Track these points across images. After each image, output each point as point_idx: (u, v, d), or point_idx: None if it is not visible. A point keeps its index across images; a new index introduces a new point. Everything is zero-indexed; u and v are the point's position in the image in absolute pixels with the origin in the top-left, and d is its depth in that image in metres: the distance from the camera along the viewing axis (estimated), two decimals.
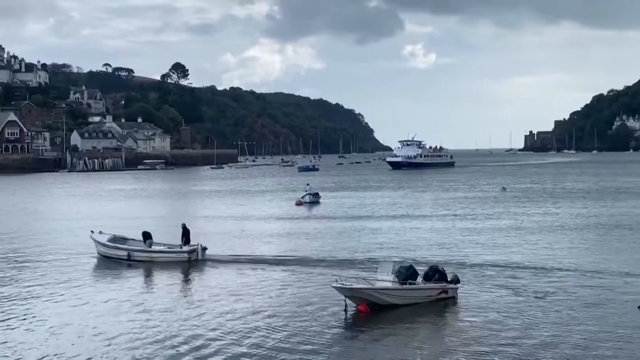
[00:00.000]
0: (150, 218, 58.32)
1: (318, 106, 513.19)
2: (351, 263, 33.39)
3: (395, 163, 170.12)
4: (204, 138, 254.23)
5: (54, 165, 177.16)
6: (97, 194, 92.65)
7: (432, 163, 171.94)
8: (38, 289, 28.98)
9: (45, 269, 33.70)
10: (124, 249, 35.90)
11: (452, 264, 32.10)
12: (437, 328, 22.69)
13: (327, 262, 33.89)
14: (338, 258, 34.93)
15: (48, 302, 26.49)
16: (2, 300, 26.91)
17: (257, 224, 52.53)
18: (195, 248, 34.91)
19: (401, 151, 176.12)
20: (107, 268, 33.93)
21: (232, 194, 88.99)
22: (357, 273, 28.67)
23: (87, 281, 30.86)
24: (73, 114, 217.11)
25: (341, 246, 39.42)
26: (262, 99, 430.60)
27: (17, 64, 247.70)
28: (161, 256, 35.16)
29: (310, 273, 31.03)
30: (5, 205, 73.89)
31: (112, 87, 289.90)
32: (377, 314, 23.73)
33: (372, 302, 24.23)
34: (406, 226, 49.34)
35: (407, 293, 25.03)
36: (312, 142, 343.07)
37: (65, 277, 31.43)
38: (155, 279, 31.47)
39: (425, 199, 73.89)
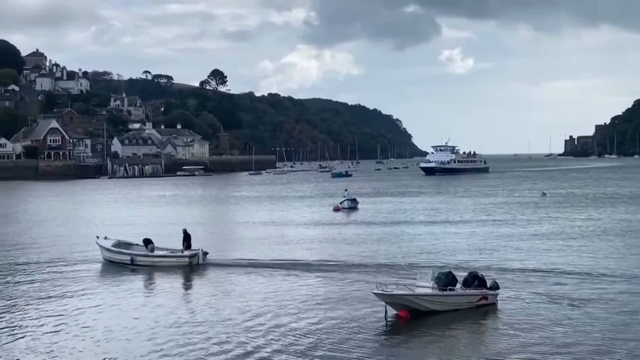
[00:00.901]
0: (190, 224, 58.66)
1: (356, 112, 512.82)
2: (390, 269, 33.26)
3: (428, 169, 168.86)
4: (242, 144, 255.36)
5: (95, 171, 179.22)
6: (137, 200, 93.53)
7: (465, 169, 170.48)
8: (83, 293, 29.36)
9: (90, 274, 34.15)
10: (127, 254, 36.50)
11: (492, 269, 31.88)
12: (478, 334, 22.52)
13: (365, 267, 33.82)
14: (377, 263, 34.83)
15: (89, 307, 26.79)
16: (45, 304, 27.29)
17: (294, 230, 52.59)
18: (196, 253, 35.41)
19: (434, 157, 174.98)
20: (144, 273, 34.22)
21: (270, 199, 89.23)
22: (397, 279, 28.57)
23: (129, 286, 31.15)
24: (113, 120, 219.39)
25: (380, 251, 39.32)
26: (300, 105, 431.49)
27: (59, 72, 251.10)
28: (163, 261, 35.76)
29: (348, 279, 30.97)
30: (51, 211, 74.91)
31: (152, 94, 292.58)
32: (417, 320, 23.62)
33: (412, 308, 24.14)
34: (445, 231, 49.10)
35: (448, 299, 24.90)
36: (350, 147, 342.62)
37: (108, 283, 31.81)
38: (184, 284, 31.60)
39: (465, 204, 73.43)
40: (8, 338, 22.47)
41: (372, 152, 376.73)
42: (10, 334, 22.93)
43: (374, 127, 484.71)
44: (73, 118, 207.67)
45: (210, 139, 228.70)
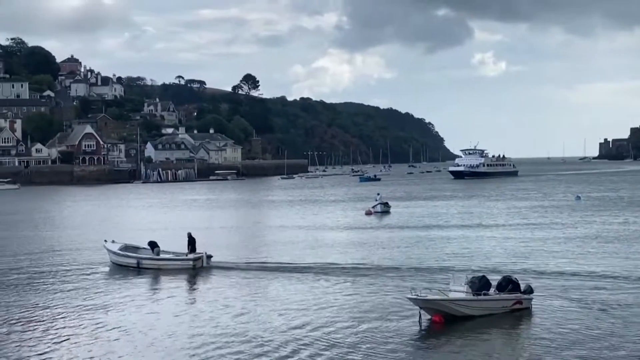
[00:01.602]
0: (223, 228, 59.09)
1: (388, 116, 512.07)
2: (423, 273, 33.16)
3: (457, 172, 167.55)
4: (274, 148, 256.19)
5: (128, 176, 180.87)
6: (171, 204, 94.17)
7: (494, 172, 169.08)
8: (121, 297, 29.69)
9: (128, 279, 34.52)
10: (133, 257, 37.20)
11: (526, 273, 31.67)
12: (513, 339, 22.38)
13: (398, 271, 33.75)
14: (410, 267, 34.74)
15: (123, 311, 27.08)
16: (84, 310, 27.61)
17: (326, 234, 52.59)
18: (200, 256, 36.06)
19: (463, 160, 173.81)
20: (174, 277, 34.44)
21: (303, 203, 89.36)
22: (430, 283, 28.50)
23: (164, 290, 31.39)
24: (147, 125, 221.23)
25: (413, 255, 39.19)
26: (332, 109, 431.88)
27: (93, 78, 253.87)
28: (168, 264, 36.38)
29: (381, 283, 30.92)
30: (87, 216, 75.69)
31: (185, 99, 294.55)
32: (451, 325, 23.53)
33: (447, 313, 24.05)
34: (479, 235, 48.84)
35: (482, 304, 24.78)
36: (382, 151, 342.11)
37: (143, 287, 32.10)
38: (215, 287, 31.69)
39: (498, 208, 72.97)
40: (53, 346, 22.77)
41: (404, 156, 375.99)
42: (55, 340, 23.24)
43: (406, 130, 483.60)
44: (107, 123, 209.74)
45: (243, 143, 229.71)
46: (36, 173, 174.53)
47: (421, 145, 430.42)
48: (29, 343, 22.57)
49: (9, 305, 28.26)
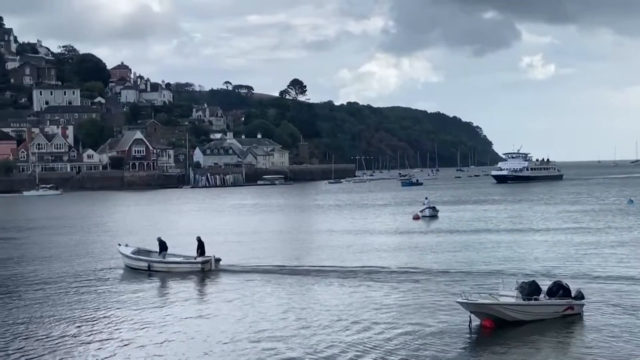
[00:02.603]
0: (271, 232, 59.36)
1: (435, 119, 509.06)
2: (472, 277, 32.96)
3: (500, 176, 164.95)
4: (322, 153, 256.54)
5: (177, 181, 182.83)
6: (220, 209, 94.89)
7: (538, 176, 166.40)
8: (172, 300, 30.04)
9: (177, 281, 34.93)
10: (144, 260, 38.31)
11: (577, 278, 31.28)
12: (564, 345, 22.14)
13: (447, 275, 33.60)
14: (459, 271, 34.56)
15: (172, 316, 27.42)
16: (136, 312, 28.02)
17: (374, 238, 52.54)
18: (209, 259, 36.94)
19: (506, 164, 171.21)
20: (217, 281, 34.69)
21: (350, 208, 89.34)
22: (479, 288, 28.31)
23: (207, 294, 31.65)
24: (196, 131, 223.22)
25: (461, 260, 38.97)
26: (379, 113, 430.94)
27: (143, 84, 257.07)
28: (177, 267, 37.50)
29: (430, 287, 30.79)
30: (137, 221, 76.64)
31: (233, 104, 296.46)
32: (501, 330, 23.37)
33: (497, 317, 23.88)
34: (529, 239, 48.37)
35: (534, 309, 24.54)
36: (430, 155, 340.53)
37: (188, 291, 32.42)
38: (251, 291, 31.84)
39: (549, 212, 72.15)
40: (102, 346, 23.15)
41: (452, 160, 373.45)
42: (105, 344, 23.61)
43: (454, 134, 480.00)
44: (156, 129, 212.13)
45: (290, 148, 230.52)
46: (87, 179, 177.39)
47: (469, 149, 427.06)
48: (94, 346, 23.02)
49: (69, 308, 28.79)
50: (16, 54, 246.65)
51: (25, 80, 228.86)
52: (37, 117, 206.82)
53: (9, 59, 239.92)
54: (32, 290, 33.49)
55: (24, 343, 23.36)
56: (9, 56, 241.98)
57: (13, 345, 23.08)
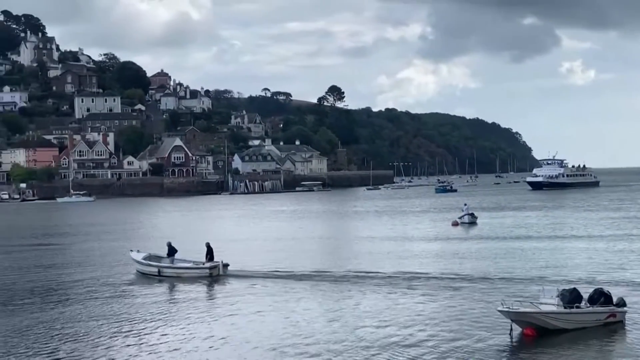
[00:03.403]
0: (310, 238, 59.47)
1: (474, 125, 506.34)
2: (512, 284, 32.66)
3: (535, 183, 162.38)
4: (360, 159, 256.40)
5: (216, 188, 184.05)
6: (259, 215, 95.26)
7: (574, 183, 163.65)
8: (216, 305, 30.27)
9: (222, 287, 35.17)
10: (154, 265, 39.28)
11: (619, 285, 30.91)
12: (606, 353, 21.93)
13: (487, 282, 33.36)
14: (498, 279, 34.30)
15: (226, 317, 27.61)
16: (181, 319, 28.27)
17: (412, 244, 52.38)
18: (217, 264, 37.75)
19: (542, 171, 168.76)
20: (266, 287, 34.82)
21: (389, 214, 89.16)
22: (520, 295, 28.08)
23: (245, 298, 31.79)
24: (234, 137, 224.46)
25: (501, 267, 38.63)
26: (417, 120, 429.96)
27: (182, 91, 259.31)
28: (186, 272, 38.37)
29: (470, 294, 30.61)
30: (177, 227, 77.25)
31: (271, 110, 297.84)
32: (543, 338, 23.17)
33: (539, 325, 23.68)
34: (571, 246, 47.84)
35: (575, 317, 24.28)
36: (469, 161, 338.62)
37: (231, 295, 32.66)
38: (283, 298, 31.90)
39: (591, 218, 71.30)
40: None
41: (491, 166, 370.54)
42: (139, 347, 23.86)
43: (493, 140, 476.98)
44: (196, 136, 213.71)
45: (329, 154, 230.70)
46: (128, 185, 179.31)
47: (508, 155, 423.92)
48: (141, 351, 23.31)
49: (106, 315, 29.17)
50: (58, 62, 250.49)
51: (67, 88, 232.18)
52: (79, 124, 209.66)
53: (51, 67, 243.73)
54: (63, 296, 33.97)
55: (69, 345, 23.76)
56: (52, 64, 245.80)
57: (63, 347, 23.48)
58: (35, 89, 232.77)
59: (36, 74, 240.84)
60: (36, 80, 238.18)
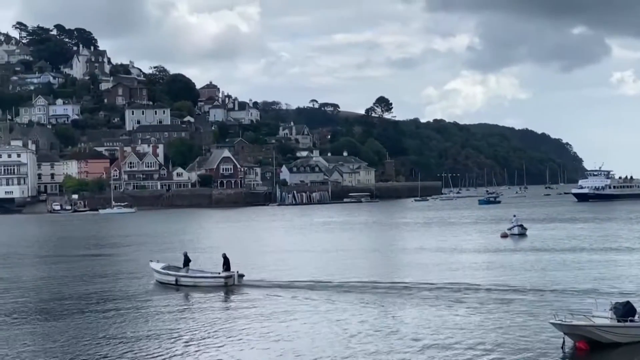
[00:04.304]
0: (359, 250, 59.39)
1: (523, 136, 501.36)
2: (563, 297, 32.32)
3: (580, 195, 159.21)
4: (407, 170, 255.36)
5: (264, 199, 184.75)
6: (308, 226, 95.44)
7: (621, 195, 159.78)
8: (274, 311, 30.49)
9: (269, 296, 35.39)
10: (172, 275, 40.56)
11: None
12: None
13: (538, 295, 33.03)
14: (550, 290, 33.94)
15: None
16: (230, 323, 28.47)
17: (461, 256, 52.00)
18: (232, 275, 38.97)
19: (587, 182, 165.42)
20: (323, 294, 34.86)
21: (437, 225, 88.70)
22: (572, 308, 27.73)
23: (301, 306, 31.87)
24: (282, 149, 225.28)
25: (552, 279, 38.17)
26: (465, 130, 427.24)
27: (230, 103, 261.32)
28: (202, 281, 39.74)
29: (520, 306, 30.32)
30: (225, 238, 77.79)
31: (319, 122, 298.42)
32: (595, 352, 22.86)
33: (591, 339, 23.33)
34: (623, 258, 47.16)
35: (630, 330, 23.87)
36: (518, 173, 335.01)
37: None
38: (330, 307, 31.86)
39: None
40: None
41: (541, 177, 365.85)
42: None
43: (543, 151, 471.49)
44: (244, 147, 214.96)
45: (376, 165, 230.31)
46: (177, 196, 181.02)
47: (558, 166, 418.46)
48: None
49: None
50: (110, 75, 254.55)
51: (118, 100, 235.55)
52: (129, 136, 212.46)
53: (102, 80, 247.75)
54: (99, 306, 34.47)
55: None
56: (103, 77, 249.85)
57: None
58: (87, 101, 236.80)
59: (88, 87, 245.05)
60: (88, 93, 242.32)
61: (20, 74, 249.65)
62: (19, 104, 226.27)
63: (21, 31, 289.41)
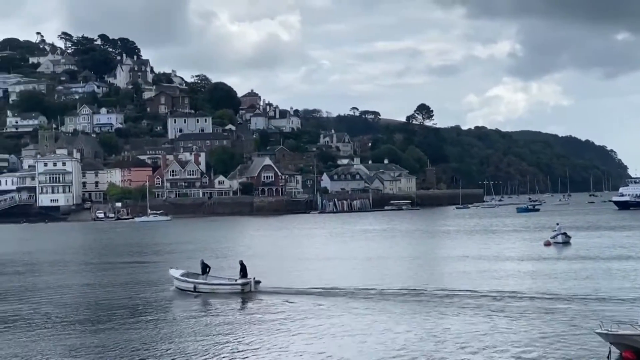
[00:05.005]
0: (401, 257, 59.25)
1: (566, 143, 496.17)
2: (610, 306, 31.91)
3: (621, 202, 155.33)
4: (449, 178, 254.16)
5: (305, 207, 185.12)
6: (349, 234, 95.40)
7: None
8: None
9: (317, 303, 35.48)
10: (190, 282, 41.29)
11: None
12: None
13: (583, 303, 32.65)
14: (594, 299, 33.55)
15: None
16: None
17: (505, 264, 51.57)
18: (248, 281, 39.75)
19: (628, 189, 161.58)
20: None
21: (480, 233, 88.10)
22: (618, 317, 27.38)
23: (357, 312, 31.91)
24: (323, 157, 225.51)
25: (596, 288, 37.65)
26: (507, 138, 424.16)
27: (272, 111, 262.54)
28: (220, 288, 40.42)
29: (563, 315, 30.02)
30: (266, 245, 78.12)
31: (359, 129, 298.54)
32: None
33: (638, 349, 23.00)
34: None
35: None
36: (561, 180, 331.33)
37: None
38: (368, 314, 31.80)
39: None
40: None
41: (585, 185, 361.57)
42: None
43: (587, 158, 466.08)
44: (285, 155, 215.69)
45: (417, 173, 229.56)
46: (218, 204, 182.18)
47: (602, 173, 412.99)
48: None
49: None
50: (152, 84, 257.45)
51: (161, 109, 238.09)
52: (172, 144, 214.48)
53: (145, 89, 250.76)
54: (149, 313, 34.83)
55: None
56: (146, 86, 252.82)
57: None
58: (131, 110, 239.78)
59: (131, 96, 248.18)
60: (131, 102, 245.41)
61: (65, 84, 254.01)
62: (64, 113, 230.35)
63: (66, 41, 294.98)
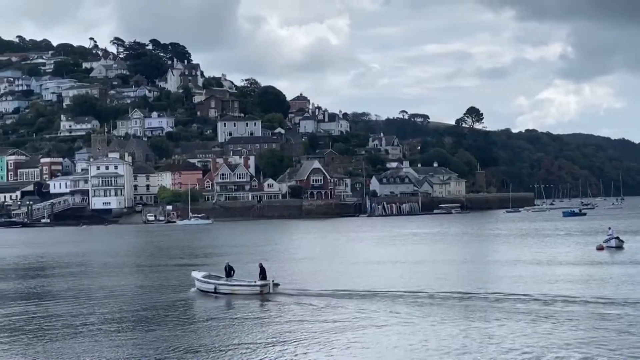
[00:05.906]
0: (452, 261, 58.99)
1: (620, 146, 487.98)
2: None
3: None
4: (499, 181, 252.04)
5: (354, 210, 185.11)
6: (398, 238, 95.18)
7: None
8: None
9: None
10: (212, 283, 42.10)
11: None
12: None
13: (636, 308, 32.19)
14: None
15: None
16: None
17: (558, 268, 51.05)
18: (267, 283, 40.55)
19: None
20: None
21: (531, 237, 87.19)
22: None
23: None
24: (372, 160, 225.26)
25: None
26: (559, 141, 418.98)
27: (320, 115, 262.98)
28: (239, 289, 41.23)
29: (614, 322, 29.64)
30: (317, 249, 78.31)
31: (409, 133, 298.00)
32: None
33: None
34: None
35: None
36: (614, 184, 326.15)
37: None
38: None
39: None
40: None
41: (638, 189, 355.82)
42: None
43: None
44: (334, 158, 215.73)
45: (467, 176, 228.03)
46: (268, 207, 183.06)
47: None
48: None
49: None
50: (202, 88, 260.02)
51: (211, 112, 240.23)
52: (221, 147, 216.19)
53: (195, 93, 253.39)
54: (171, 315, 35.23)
55: None
56: (196, 90, 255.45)
57: None
58: (181, 114, 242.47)
59: (182, 100, 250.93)
60: (182, 106, 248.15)
61: (117, 88, 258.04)
62: (117, 117, 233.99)
63: (118, 46, 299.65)
